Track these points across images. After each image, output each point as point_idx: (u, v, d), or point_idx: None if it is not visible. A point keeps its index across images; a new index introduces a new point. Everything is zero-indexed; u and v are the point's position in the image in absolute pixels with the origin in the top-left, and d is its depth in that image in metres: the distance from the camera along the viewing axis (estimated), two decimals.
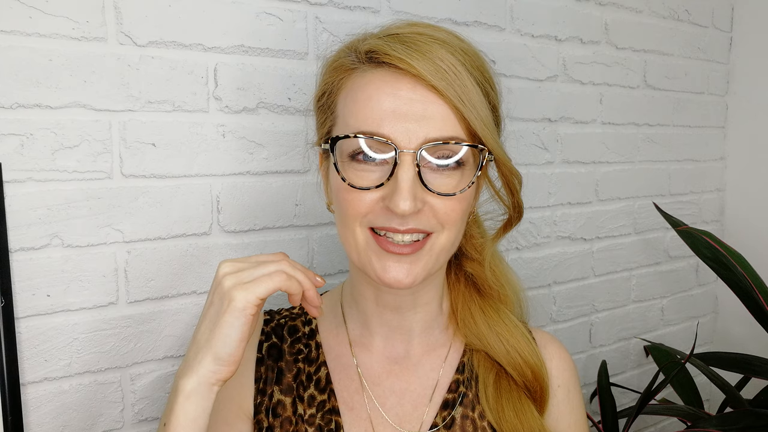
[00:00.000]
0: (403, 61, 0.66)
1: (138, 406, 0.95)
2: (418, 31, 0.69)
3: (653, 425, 1.74)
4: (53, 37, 0.83)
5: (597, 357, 1.55)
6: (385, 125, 0.66)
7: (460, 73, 0.67)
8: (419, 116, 0.66)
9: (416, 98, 0.66)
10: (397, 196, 0.65)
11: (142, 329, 0.94)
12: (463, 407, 0.79)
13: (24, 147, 0.83)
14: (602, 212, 1.55)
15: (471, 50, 0.71)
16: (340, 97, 0.72)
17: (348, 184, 0.68)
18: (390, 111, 0.66)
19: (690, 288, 1.81)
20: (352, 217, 0.70)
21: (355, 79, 0.70)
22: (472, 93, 0.67)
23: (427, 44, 0.67)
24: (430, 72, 0.65)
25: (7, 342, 0.83)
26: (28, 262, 0.85)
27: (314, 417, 0.77)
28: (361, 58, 0.70)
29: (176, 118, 0.94)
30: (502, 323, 0.82)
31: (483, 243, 0.83)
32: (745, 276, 1.29)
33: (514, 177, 0.75)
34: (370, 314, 0.80)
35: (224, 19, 0.96)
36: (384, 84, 0.67)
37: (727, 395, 1.37)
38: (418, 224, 0.69)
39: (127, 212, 0.91)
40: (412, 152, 0.65)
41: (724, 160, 1.85)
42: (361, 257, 0.72)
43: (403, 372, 0.81)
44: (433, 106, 0.66)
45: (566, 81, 1.42)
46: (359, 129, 0.67)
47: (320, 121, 0.77)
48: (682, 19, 1.66)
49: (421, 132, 0.66)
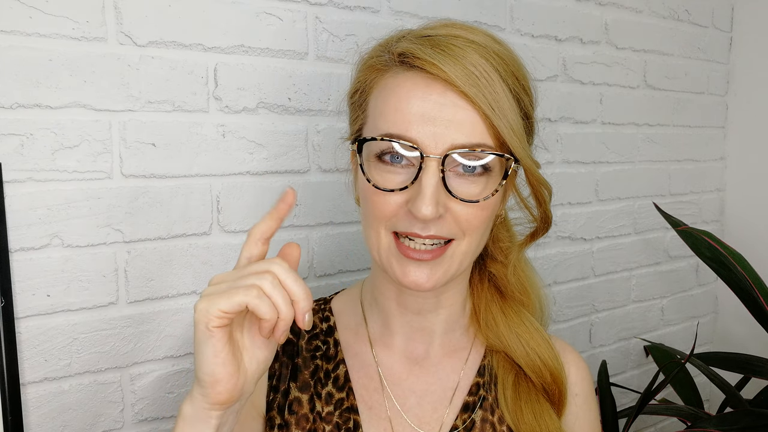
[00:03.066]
0: (434, 65, 0.65)
1: (138, 406, 0.95)
2: (453, 33, 0.68)
3: (653, 425, 1.73)
4: (53, 37, 0.83)
5: (597, 357, 1.55)
6: (413, 129, 0.66)
7: (492, 79, 0.66)
8: (447, 121, 0.65)
9: (446, 103, 0.66)
10: (419, 200, 0.65)
11: (142, 329, 0.94)
12: (483, 410, 0.79)
13: (24, 147, 0.83)
14: (602, 212, 1.55)
15: (507, 54, 0.70)
16: (372, 97, 0.71)
17: (373, 185, 0.68)
18: (418, 115, 0.66)
19: (690, 288, 1.81)
20: (377, 219, 0.70)
21: (387, 80, 0.69)
22: (503, 100, 0.66)
23: (461, 48, 0.66)
24: (461, 78, 0.65)
25: (7, 342, 0.83)
26: (28, 262, 0.85)
27: (332, 415, 0.77)
28: (394, 59, 0.69)
29: (176, 118, 0.94)
30: (523, 325, 0.81)
31: (510, 247, 0.82)
32: (745, 276, 1.29)
33: (543, 187, 0.75)
34: (392, 314, 0.80)
35: (224, 19, 0.96)
36: (415, 87, 0.67)
37: (727, 395, 1.37)
38: (440, 231, 0.68)
39: (127, 212, 0.91)
40: (437, 157, 0.65)
41: (724, 160, 1.85)
42: (382, 259, 0.72)
43: (423, 373, 0.80)
44: (463, 111, 0.66)
45: (566, 81, 1.42)
46: (387, 131, 0.67)
47: (352, 118, 0.76)
48: (682, 19, 1.66)
49: (448, 137, 0.65)
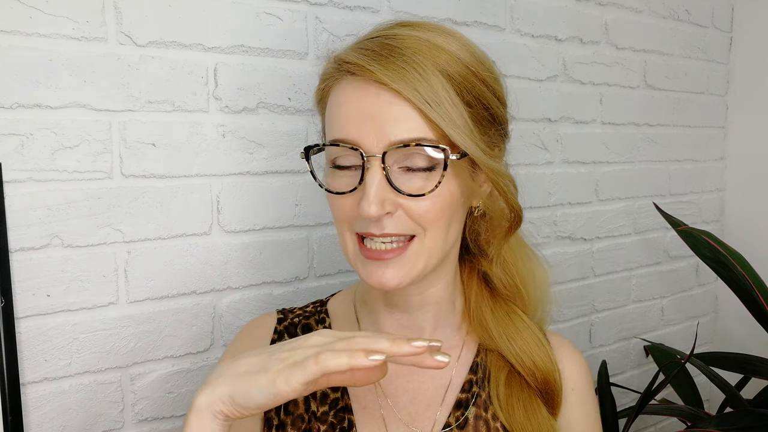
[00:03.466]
0: (363, 68, 0.67)
1: (138, 406, 0.95)
2: (392, 33, 0.69)
3: (653, 425, 1.73)
4: (53, 37, 0.83)
5: (597, 357, 1.55)
6: (352, 131, 0.67)
7: (425, 72, 0.66)
8: (383, 120, 0.66)
9: (380, 103, 0.66)
10: (363, 200, 0.66)
11: (142, 329, 0.94)
12: (477, 407, 0.79)
13: (24, 147, 0.83)
14: (602, 212, 1.55)
15: (452, 43, 0.69)
16: (327, 106, 0.73)
17: (326, 189, 0.71)
18: (354, 117, 0.68)
19: (690, 288, 1.81)
20: (339, 222, 0.73)
21: (335, 88, 0.71)
22: (440, 92, 0.66)
23: (395, 46, 0.67)
24: (390, 76, 0.65)
25: (7, 342, 0.83)
26: (28, 262, 0.85)
27: (327, 415, 0.77)
28: (337, 68, 0.71)
29: (176, 118, 0.94)
30: (512, 325, 0.80)
31: (489, 240, 0.81)
32: (745, 276, 1.29)
33: (500, 178, 0.73)
34: (380, 313, 0.80)
35: (224, 19, 0.96)
36: (353, 91, 0.68)
37: (727, 395, 1.37)
38: (395, 228, 0.69)
39: (127, 212, 0.91)
40: (378, 156, 0.66)
41: (724, 160, 1.85)
42: (351, 262, 0.74)
43: (415, 371, 0.80)
44: (397, 108, 0.66)
45: (566, 81, 1.42)
46: (332, 137, 0.70)
47: (321, 126, 0.78)
48: (682, 19, 1.66)
49: (385, 135, 0.66)
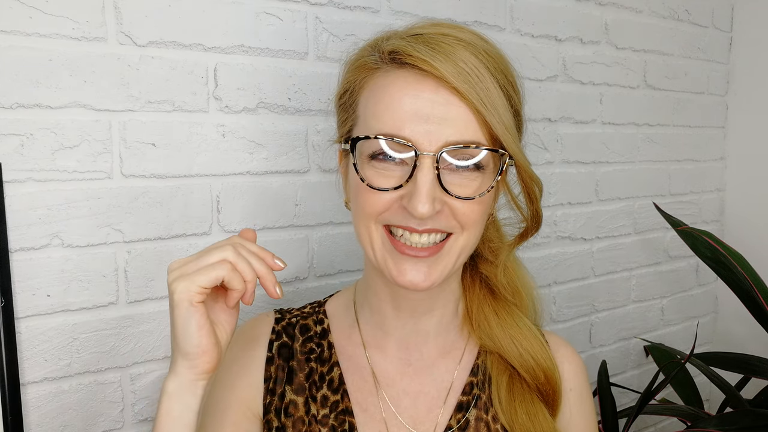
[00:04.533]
0: (426, 62, 0.65)
1: (138, 406, 0.95)
2: (442, 32, 0.68)
3: (653, 425, 1.73)
4: (53, 37, 0.83)
5: (597, 357, 1.55)
6: (406, 127, 0.66)
7: (483, 75, 0.66)
8: (440, 119, 0.65)
9: (438, 100, 0.66)
10: (415, 199, 0.65)
11: (142, 329, 0.94)
12: (477, 410, 0.79)
13: (24, 147, 0.83)
14: (602, 212, 1.55)
15: (495, 52, 0.70)
16: (362, 97, 0.71)
17: (367, 185, 0.68)
18: (411, 113, 0.66)
19: (690, 288, 1.81)
20: (369, 214, 0.70)
21: (377, 79, 0.69)
22: (495, 96, 0.66)
23: (451, 45, 0.66)
24: (453, 74, 0.65)
25: (7, 342, 0.83)
26: (28, 262, 0.85)
27: (327, 417, 0.77)
28: (384, 57, 0.69)
29: (176, 118, 0.94)
30: (516, 326, 0.81)
31: (499, 247, 0.82)
32: (745, 276, 1.29)
33: (535, 184, 0.74)
34: (386, 316, 0.80)
35: (224, 19, 0.96)
36: (406, 85, 0.67)
37: (727, 395, 1.37)
38: (437, 224, 0.68)
39: (127, 212, 0.91)
40: (432, 155, 0.65)
41: (724, 160, 1.85)
42: (377, 256, 0.72)
43: (417, 374, 0.80)
44: (455, 108, 0.66)
45: (566, 81, 1.42)
46: (380, 130, 0.67)
47: (341, 120, 0.76)
48: (682, 19, 1.66)
49: (441, 135, 0.65)
